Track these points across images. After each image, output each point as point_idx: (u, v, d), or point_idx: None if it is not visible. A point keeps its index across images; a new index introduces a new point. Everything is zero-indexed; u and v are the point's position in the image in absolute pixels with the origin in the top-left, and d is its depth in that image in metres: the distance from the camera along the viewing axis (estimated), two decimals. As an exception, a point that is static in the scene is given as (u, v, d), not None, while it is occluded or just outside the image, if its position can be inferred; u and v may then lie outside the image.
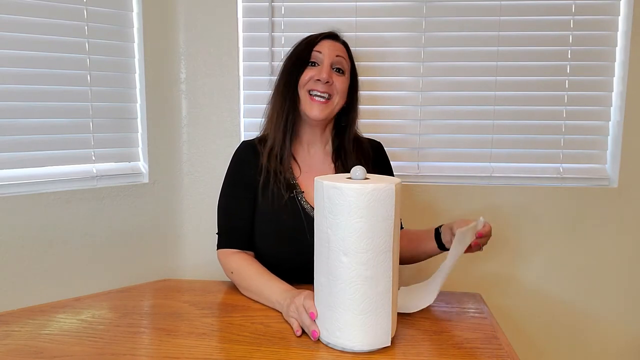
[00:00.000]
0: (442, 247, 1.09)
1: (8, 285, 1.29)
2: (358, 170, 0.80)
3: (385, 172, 1.23)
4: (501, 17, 1.48)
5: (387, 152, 1.27)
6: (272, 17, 1.54)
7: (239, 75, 1.55)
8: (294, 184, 1.12)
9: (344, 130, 1.19)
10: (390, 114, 1.55)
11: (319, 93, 1.11)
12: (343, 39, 1.18)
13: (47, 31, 1.34)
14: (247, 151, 1.16)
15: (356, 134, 1.22)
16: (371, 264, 0.76)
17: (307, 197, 1.11)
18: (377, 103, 1.54)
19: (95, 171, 1.43)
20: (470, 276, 1.55)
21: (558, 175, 1.52)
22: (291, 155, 1.15)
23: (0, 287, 1.28)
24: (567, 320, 1.53)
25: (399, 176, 1.07)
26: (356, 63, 1.20)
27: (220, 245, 1.13)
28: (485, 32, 1.49)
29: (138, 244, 1.51)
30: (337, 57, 1.13)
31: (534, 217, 1.51)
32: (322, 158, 1.19)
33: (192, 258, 1.60)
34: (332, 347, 0.80)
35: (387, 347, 0.79)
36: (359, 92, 1.21)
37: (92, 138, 1.43)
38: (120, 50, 1.46)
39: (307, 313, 0.83)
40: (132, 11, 1.47)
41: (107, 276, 1.45)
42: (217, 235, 1.15)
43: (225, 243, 1.13)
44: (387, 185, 0.75)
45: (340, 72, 1.13)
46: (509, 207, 1.51)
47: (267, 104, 1.18)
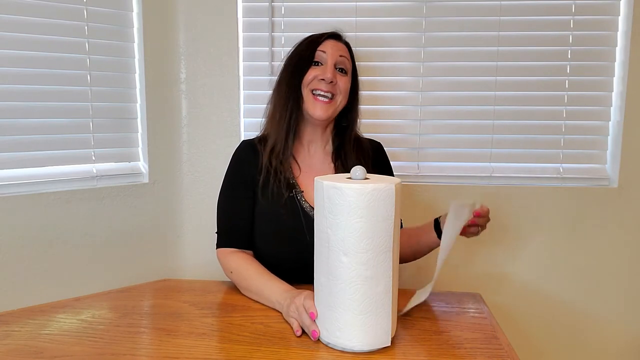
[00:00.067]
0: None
1: (8, 285, 1.29)
2: (358, 170, 0.80)
3: (385, 173, 1.23)
4: (501, 17, 1.48)
5: (387, 152, 1.27)
6: (272, 17, 1.54)
7: (239, 75, 1.55)
8: (294, 183, 1.12)
9: (345, 131, 1.19)
10: (390, 114, 1.55)
11: (322, 92, 1.11)
12: (345, 39, 1.18)
13: (47, 31, 1.34)
14: (247, 151, 1.16)
15: (356, 134, 1.22)
16: (371, 264, 0.76)
17: (307, 197, 1.11)
18: (377, 103, 1.54)
19: (95, 171, 1.43)
20: (470, 276, 1.55)
21: (558, 175, 1.52)
22: (292, 154, 1.15)
23: (0, 287, 1.28)
24: (567, 320, 1.53)
25: (399, 176, 1.07)
26: (356, 63, 1.20)
27: (219, 245, 1.14)
28: (485, 32, 1.49)
29: (138, 244, 1.51)
30: (340, 57, 1.13)
31: (534, 217, 1.51)
32: (322, 158, 1.19)
33: (192, 258, 1.61)
34: (332, 347, 0.80)
35: (387, 347, 0.79)
36: (360, 93, 1.21)
37: (92, 138, 1.43)
38: (120, 50, 1.46)
39: (307, 313, 0.83)
40: (132, 11, 1.47)
41: (107, 276, 1.45)
42: (216, 235, 1.15)
43: (224, 242, 1.13)
44: (387, 185, 0.75)
45: (343, 72, 1.14)
46: (509, 207, 1.51)
47: (268, 103, 1.18)
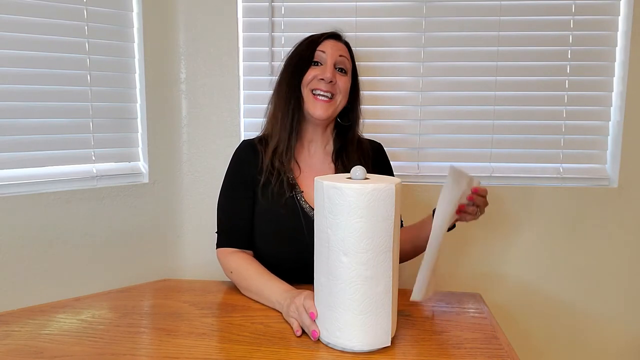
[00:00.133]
0: None
1: (8, 285, 1.29)
2: (358, 170, 0.80)
3: (385, 173, 1.23)
4: (501, 17, 1.48)
5: (387, 152, 1.27)
6: (272, 17, 1.54)
7: (239, 75, 1.55)
8: (294, 183, 1.12)
9: (346, 131, 1.19)
10: (390, 114, 1.55)
11: (322, 92, 1.11)
12: (345, 39, 1.18)
13: (47, 31, 1.34)
14: (247, 151, 1.16)
15: (357, 135, 1.22)
16: (371, 264, 0.75)
17: (307, 197, 1.11)
18: (377, 103, 1.54)
19: (95, 171, 1.43)
20: (470, 276, 1.55)
21: (558, 175, 1.52)
22: (293, 155, 1.15)
23: (0, 287, 1.28)
24: (567, 320, 1.53)
25: (399, 176, 1.07)
26: (357, 63, 1.20)
27: (219, 245, 1.14)
28: (485, 32, 1.49)
29: (138, 244, 1.51)
30: (340, 57, 1.13)
31: (534, 217, 1.51)
32: (322, 158, 1.19)
33: (192, 258, 1.60)
34: (332, 347, 0.80)
35: (387, 347, 0.79)
36: (362, 93, 1.21)
37: (92, 138, 1.43)
38: (120, 50, 1.46)
39: (307, 313, 0.83)
40: (132, 11, 1.47)
41: (107, 276, 1.45)
42: (216, 235, 1.15)
43: (224, 242, 1.13)
44: (387, 185, 0.75)
45: (342, 72, 1.14)
46: (509, 207, 1.51)
47: (269, 103, 1.18)
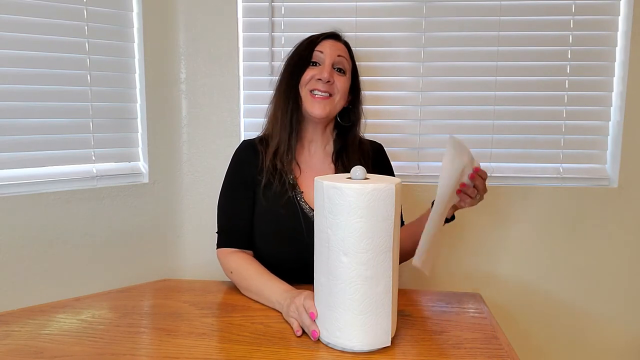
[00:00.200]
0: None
1: (8, 285, 1.29)
2: (358, 170, 0.80)
3: (385, 174, 1.22)
4: (501, 17, 1.48)
5: (387, 152, 1.27)
6: (272, 17, 1.53)
7: (239, 75, 1.55)
8: (294, 184, 1.12)
9: (347, 132, 1.19)
10: (390, 114, 1.55)
11: (319, 92, 1.11)
12: (345, 39, 1.18)
13: (47, 31, 1.34)
14: (248, 151, 1.16)
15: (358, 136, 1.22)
16: (371, 264, 0.75)
17: (306, 198, 1.11)
18: (377, 103, 1.53)
19: (95, 171, 1.43)
20: (470, 276, 1.55)
21: (558, 175, 1.51)
22: (294, 155, 1.15)
23: (0, 287, 1.28)
24: (567, 320, 1.53)
25: (399, 176, 1.07)
26: (357, 63, 1.20)
27: (219, 245, 1.14)
28: (485, 32, 1.49)
29: (138, 244, 1.51)
30: (338, 57, 1.13)
31: (534, 217, 1.51)
32: (322, 158, 1.19)
33: (192, 258, 1.60)
34: (332, 347, 0.80)
35: (387, 347, 0.79)
36: (363, 93, 1.21)
37: (92, 138, 1.43)
38: (120, 50, 1.46)
39: (307, 313, 0.83)
40: (132, 11, 1.47)
41: (107, 276, 1.45)
42: (216, 235, 1.15)
43: (224, 242, 1.13)
44: (387, 185, 0.75)
45: (341, 72, 1.14)
46: (509, 207, 1.51)
47: (269, 104, 1.18)
